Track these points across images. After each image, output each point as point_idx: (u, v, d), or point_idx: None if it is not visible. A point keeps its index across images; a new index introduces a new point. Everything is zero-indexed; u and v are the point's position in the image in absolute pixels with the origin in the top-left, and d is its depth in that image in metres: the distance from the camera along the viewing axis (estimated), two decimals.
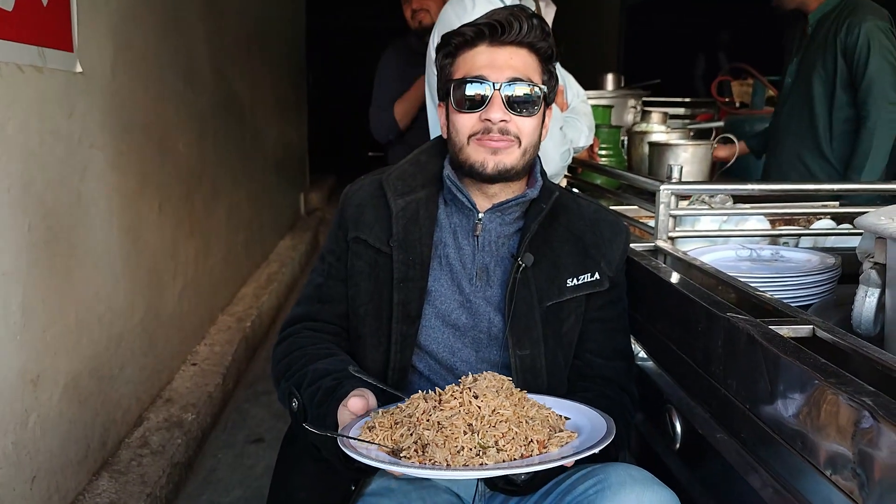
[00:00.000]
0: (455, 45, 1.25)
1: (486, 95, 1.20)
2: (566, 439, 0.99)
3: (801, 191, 1.76)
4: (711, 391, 1.09)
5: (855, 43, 2.42)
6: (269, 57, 5.11)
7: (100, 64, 2.24)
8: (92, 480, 2.17)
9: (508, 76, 1.21)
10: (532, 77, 1.23)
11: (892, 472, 0.70)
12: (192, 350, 3.23)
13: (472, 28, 1.23)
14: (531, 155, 1.25)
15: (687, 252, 1.53)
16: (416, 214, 1.26)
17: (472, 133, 1.22)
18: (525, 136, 1.22)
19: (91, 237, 2.20)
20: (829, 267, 1.47)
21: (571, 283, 1.24)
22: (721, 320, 1.04)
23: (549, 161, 1.77)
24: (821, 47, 2.53)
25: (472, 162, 1.22)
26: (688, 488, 1.19)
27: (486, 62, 1.21)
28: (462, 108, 1.22)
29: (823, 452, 0.81)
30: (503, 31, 1.21)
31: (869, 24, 2.41)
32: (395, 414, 1.03)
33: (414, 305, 1.22)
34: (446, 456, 0.93)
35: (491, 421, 0.98)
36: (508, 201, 1.26)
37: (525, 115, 1.22)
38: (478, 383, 1.04)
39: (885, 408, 0.72)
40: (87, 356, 2.16)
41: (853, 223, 1.32)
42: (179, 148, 3.03)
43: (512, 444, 0.95)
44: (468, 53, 1.23)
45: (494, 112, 1.20)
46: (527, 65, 1.23)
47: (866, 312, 1.19)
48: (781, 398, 0.89)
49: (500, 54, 1.22)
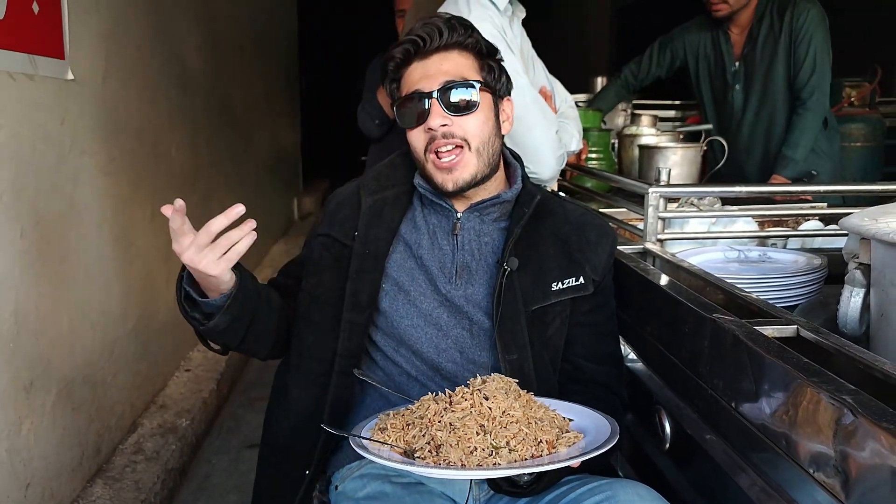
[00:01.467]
0: (392, 69, 1.29)
1: (425, 106, 1.23)
2: (573, 440, 1.01)
3: (789, 192, 1.77)
4: (699, 392, 1.10)
5: (802, 25, 2.51)
6: (262, 61, 5.12)
7: (91, 71, 2.24)
8: (86, 487, 2.17)
9: (441, 81, 1.23)
10: (466, 75, 1.25)
11: (873, 469, 0.72)
12: (186, 356, 3.23)
13: (399, 49, 1.27)
14: (489, 154, 1.26)
15: (675, 254, 1.55)
16: (380, 210, 1.30)
17: (424, 147, 1.25)
18: (472, 137, 1.24)
19: (84, 243, 2.20)
20: (815, 268, 1.49)
21: (556, 287, 1.25)
22: (707, 321, 1.06)
23: (545, 165, 1.78)
24: (768, 46, 2.59)
25: (435, 182, 1.26)
26: (678, 488, 1.21)
27: (420, 75, 1.25)
28: (411, 125, 1.26)
29: (806, 450, 0.82)
30: (426, 43, 1.24)
31: (814, 10, 2.53)
32: (406, 415, 1.05)
33: (364, 296, 1.26)
34: (461, 456, 0.95)
35: (502, 422, 1.00)
36: (485, 201, 1.28)
37: (466, 114, 1.23)
38: (487, 385, 1.06)
39: (865, 406, 0.74)
40: (81, 363, 2.16)
41: (839, 224, 1.33)
42: (172, 153, 3.04)
43: (523, 445, 0.98)
44: (406, 73, 1.27)
45: (433, 119, 1.22)
46: (459, 65, 1.25)
47: (852, 312, 1.20)
48: (766, 397, 0.91)
49: (431, 63, 1.25)
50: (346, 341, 1.26)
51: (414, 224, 1.31)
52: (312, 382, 1.28)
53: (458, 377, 1.25)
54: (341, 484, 1.26)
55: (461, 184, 1.24)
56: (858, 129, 3.14)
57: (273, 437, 1.33)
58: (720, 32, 2.70)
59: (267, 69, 5.32)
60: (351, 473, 1.26)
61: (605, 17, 7.36)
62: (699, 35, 2.76)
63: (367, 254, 1.27)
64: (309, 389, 1.28)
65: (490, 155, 1.26)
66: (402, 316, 1.27)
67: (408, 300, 1.27)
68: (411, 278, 1.28)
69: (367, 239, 1.28)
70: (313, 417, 1.26)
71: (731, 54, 2.69)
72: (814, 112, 2.54)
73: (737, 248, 1.64)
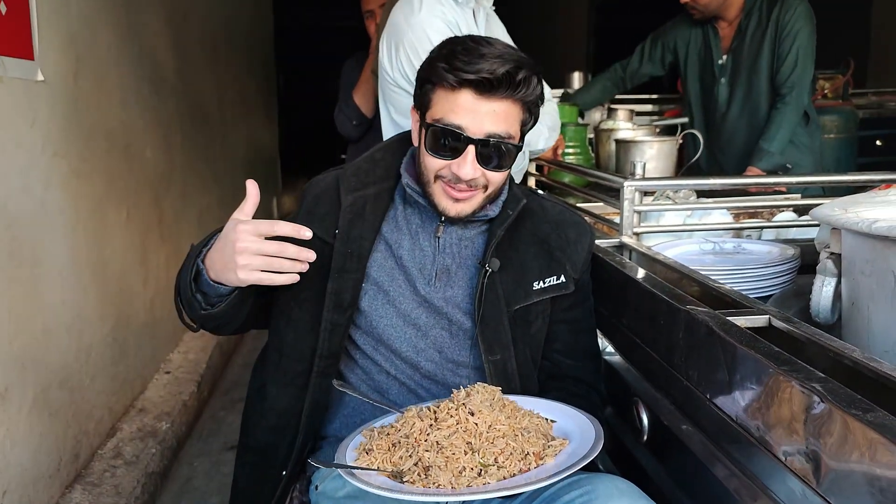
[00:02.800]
0: (448, 77, 1.15)
1: (459, 148, 1.16)
2: (559, 448, 1.01)
3: (762, 184, 1.79)
4: (675, 383, 1.11)
5: (788, 21, 2.54)
6: (237, 59, 5.08)
7: (61, 71, 2.21)
8: (65, 493, 2.15)
9: (487, 132, 1.16)
10: (512, 131, 1.18)
11: (843, 455, 0.73)
12: (166, 358, 3.20)
13: (463, 75, 1.13)
14: (495, 194, 1.25)
15: (651, 247, 1.56)
16: (362, 210, 1.27)
17: (438, 175, 1.20)
18: (493, 185, 1.22)
19: (57, 246, 2.17)
20: (788, 258, 1.51)
21: (538, 287, 1.26)
22: (681, 313, 1.07)
23: None
24: (755, 41, 2.60)
25: (436, 202, 1.22)
26: (656, 480, 1.22)
27: (466, 110, 1.15)
28: (434, 153, 1.19)
29: (779, 438, 0.83)
30: (492, 87, 1.14)
31: (802, 7, 2.55)
32: (392, 434, 1.04)
33: (347, 295, 1.24)
34: (450, 478, 0.95)
35: (489, 437, 1.00)
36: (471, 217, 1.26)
37: (497, 169, 1.19)
38: (471, 398, 1.05)
39: (834, 393, 0.75)
40: (57, 367, 2.13)
41: (810, 214, 1.35)
42: (146, 153, 3.00)
43: (510, 460, 0.98)
44: (454, 94, 1.16)
45: (465, 168, 1.16)
46: (508, 117, 1.17)
47: (824, 301, 1.22)
48: (739, 387, 0.92)
49: (483, 108, 1.15)
50: (325, 342, 1.24)
51: (396, 223, 1.29)
52: (290, 382, 1.26)
53: (438, 376, 1.26)
54: (321, 483, 1.26)
55: (463, 216, 1.22)
56: (832, 122, 3.18)
57: (250, 437, 1.32)
58: (709, 26, 2.71)
59: (242, 67, 5.28)
60: (331, 473, 1.25)
61: (581, 13, 7.39)
62: (690, 29, 2.76)
63: (349, 253, 1.25)
64: (287, 389, 1.27)
65: (494, 195, 1.25)
66: (381, 315, 1.26)
67: (387, 300, 1.26)
68: (391, 278, 1.27)
69: (350, 238, 1.25)
70: (291, 417, 1.25)
71: (718, 48, 2.70)
72: (793, 107, 2.56)
73: (712, 240, 1.66)
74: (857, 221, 1.06)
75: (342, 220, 1.26)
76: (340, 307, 1.24)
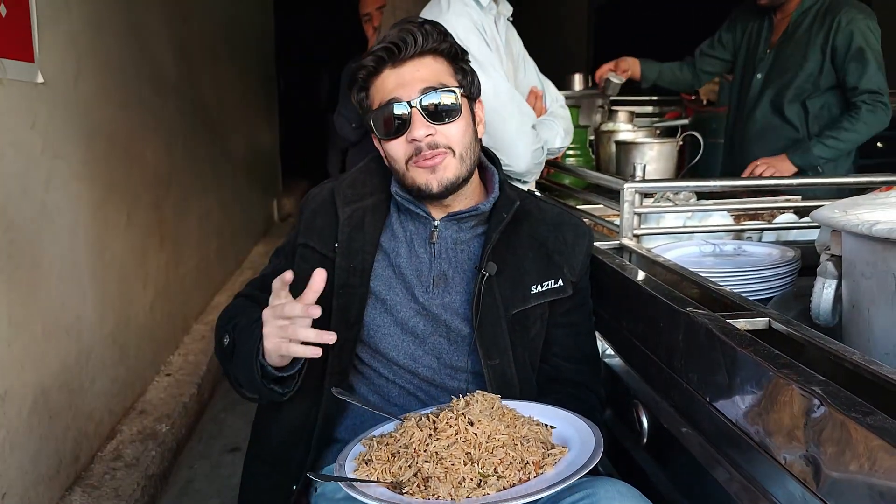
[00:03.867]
0: (362, 77, 1.25)
1: (405, 116, 1.20)
2: (558, 456, 1.01)
3: (762, 186, 1.79)
4: (674, 386, 1.11)
5: (846, 41, 2.39)
6: (238, 61, 5.08)
7: (62, 73, 2.21)
8: (65, 496, 2.15)
9: (420, 89, 1.20)
10: (444, 81, 1.22)
11: (843, 458, 0.72)
12: (166, 360, 3.20)
13: (371, 57, 1.23)
14: (471, 157, 1.25)
15: (651, 249, 1.56)
16: (361, 222, 1.26)
17: (406, 158, 1.22)
18: (456, 143, 1.22)
19: (57, 248, 2.17)
20: (789, 260, 1.50)
21: (536, 290, 1.25)
22: (681, 315, 1.06)
23: (519, 158, 1.78)
24: (803, 43, 2.50)
25: (418, 185, 1.22)
26: (656, 483, 1.22)
27: (395, 83, 1.21)
28: (388, 136, 1.22)
29: (778, 441, 0.83)
30: (400, 50, 1.20)
31: (858, 22, 2.40)
32: (391, 444, 1.04)
33: (353, 311, 1.23)
34: (449, 490, 0.94)
35: (488, 447, 0.99)
36: (462, 212, 1.27)
37: (449, 121, 1.21)
38: (470, 408, 1.05)
39: (833, 396, 0.74)
40: (56, 369, 2.13)
41: (810, 216, 1.35)
42: (147, 156, 3.00)
43: (510, 470, 0.97)
44: (377, 81, 1.23)
45: (417, 130, 1.19)
46: (435, 71, 1.22)
47: (824, 303, 1.22)
48: (739, 390, 0.91)
49: (406, 71, 1.21)
50: (335, 358, 1.23)
51: (392, 232, 1.29)
52: (303, 398, 1.25)
53: (436, 380, 1.25)
54: (321, 486, 1.26)
55: (446, 183, 1.22)
56: None
57: (261, 447, 1.30)
58: (766, 17, 2.62)
59: (243, 70, 5.28)
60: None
61: (582, 15, 7.39)
62: (752, 15, 2.67)
63: (352, 268, 1.24)
64: (301, 404, 1.26)
65: (472, 159, 1.25)
66: (379, 325, 1.26)
67: (384, 309, 1.26)
68: (388, 287, 1.26)
69: (350, 251, 1.25)
70: (304, 431, 1.25)
71: (767, 41, 2.62)
72: (868, 119, 2.37)
73: (712, 242, 1.65)
74: (857, 223, 1.06)
75: (341, 233, 1.26)
76: (347, 323, 1.23)
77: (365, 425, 1.25)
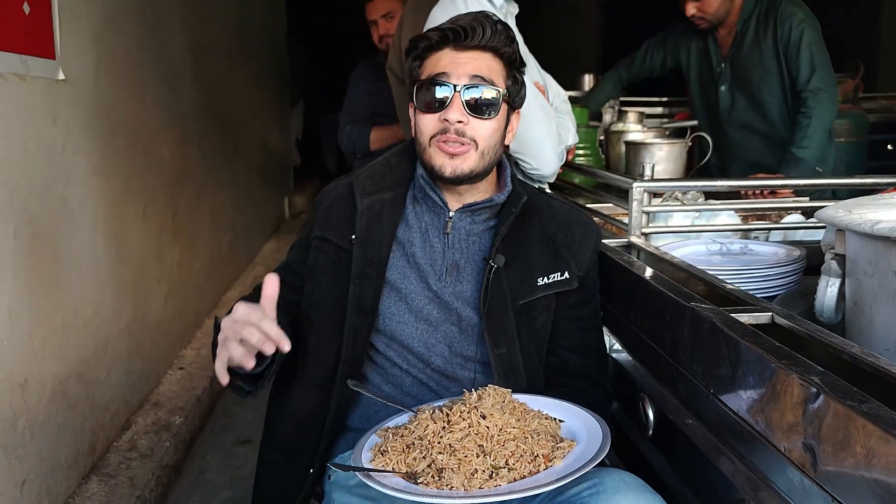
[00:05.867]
0: (422, 48, 1.29)
1: (446, 96, 1.24)
2: (567, 449, 1.05)
3: (769, 187, 1.81)
4: (680, 378, 1.14)
5: (788, 28, 2.52)
6: (251, 61, 5.13)
7: (82, 71, 2.26)
8: (81, 484, 2.19)
9: (469, 78, 1.24)
10: (494, 80, 1.26)
11: (839, 445, 0.75)
12: (179, 354, 3.25)
13: (437, 32, 1.27)
14: (491, 158, 1.29)
15: (659, 247, 1.59)
16: (379, 213, 1.30)
17: (432, 134, 1.25)
18: (482, 140, 1.25)
19: (76, 242, 2.22)
20: (794, 259, 1.53)
21: (542, 282, 1.29)
22: (686, 310, 1.09)
23: (547, 161, 1.79)
24: (754, 48, 2.60)
25: (433, 164, 1.26)
26: (661, 473, 1.25)
27: (449, 63, 1.25)
28: (424, 109, 1.26)
29: (779, 430, 0.86)
30: (466, 36, 1.24)
31: (800, 13, 2.54)
32: (406, 436, 1.08)
33: (368, 301, 1.27)
34: (462, 481, 0.98)
35: (500, 440, 1.03)
36: (477, 203, 1.30)
37: (484, 117, 1.25)
38: (483, 402, 1.09)
39: (831, 385, 0.77)
40: (74, 360, 2.18)
41: (815, 216, 1.37)
42: (163, 152, 3.05)
43: (521, 462, 1.01)
44: (433, 56, 1.27)
45: (452, 112, 1.23)
46: (490, 68, 1.26)
47: (828, 301, 1.24)
48: (741, 381, 0.94)
49: (463, 57, 1.25)
50: (349, 346, 1.27)
51: (407, 223, 1.32)
52: (316, 386, 1.29)
53: (448, 370, 1.29)
54: (334, 474, 1.29)
55: (459, 173, 1.25)
56: (843, 125, 3.19)
57: (276, 436, 1.34)
58: (710, 34, 2.73)
59: (257, 69, 5.33)
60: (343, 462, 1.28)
61: (592, 14, 7.40)
62: (692, 35, 2.78)
63: (368, 259, 1.28)
64: (313, 392, 1.30)
65: (491, 159, 1.29)
66: (394, 313, 1.29)
67: (399, 297, 1.29)
68: (403, 276, 1.30)
69: (368, 242, 1.28)
70: (317, 420, 1.29)
71: (718, 55, 2.71)
72: (819, 112, 2.51)
73: (719, 240, 1.68)
74: (860, 223, 1.09)
75: (359, 223, 1.29)
76: (362, 312, 1.27)
77: (377, 415, 1.28)
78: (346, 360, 1.27)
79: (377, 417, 1.26)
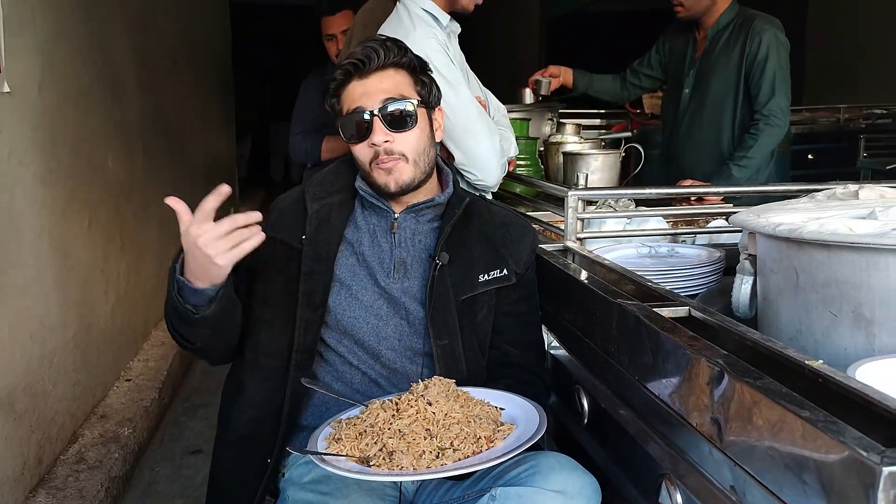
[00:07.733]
0: (333, 88, 1.40)
1: (367, 123, 1.35)
2: (507, 432, 1.15)
3: (693, 195, 1.95)
4: (610, 369, 1.25)
5: (758, 46, 2.53)
6: (196, 71, 5.11)
7: (27, 82, 2.26)
8: (29, 497, 2.18)
9: (381, 99, 1.35)
10: (404, 92, 1.38)
11: (739, 416, 0.87)
12: (126, 365, 3.23)
13: (341, 70, 1.39)
14: (425, 163, 1.40)
15: (593, 251, 1.70)
16: (328, 216, 1.40)
17: (369, 160, 1.37)
18: (410, 151, 1.37)
19: (21, 253, 2.21)
20: (715, 260, 1.67)
21: (483, 279, 1.40)
22: (614, 306, 1.20)
23: (490, 172, 1.89)
24: (721, 58, 2.64)
25: (378, 185, 1.38)
26: (596, 459, 1.35)
27: (360, 93, 1.37)
28: (353, 140, 1.38)
29: (693, 409, 0.97)
30: (365, 64, 1.36)
31: (771, 31, 2.55)
32: (358, 424, 1.16)
33: (318, 296, 1.36)
34: (412, 461, 1.08)
35: (445, 424, 1.13)
36: (419, 204, 1.42)
37: (405, 130, 1.36)
38: (429, 390, 1.18)
39: (732, 366, 0.89)
40: (21, 372, 2.17)
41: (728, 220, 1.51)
42: (108, 163, 3.04)
43: (465, 444, 1.11)
44: (346, 91, 1.39)
45: (376, 136, 1.35)
46: (396, 83, 1.38)
47: (742, 297, 1.37)
48: (662, 368, 1.05)
49: (370, 83, 1.37)
50: (301, 337, 1.35)
51: (356, 225, 1.42)
52: (269, 377, 1.36)
53: (396, 363, 1.38)
54: (287, 471, 1.35)
55: (401, 185, 1.37)
56: None
57: (230, 431, 1.39)
58: (691, 35, 2.76)
59: (201, 80, 5.31)
60: (297, 461, 1.34)
61: (534, 29, 7.59)
62: (679, 33, 2.81)
63: (317, 257, 1.38)
64: (266, 384, 1.37)
65: (426, 163, 1.40)
66: (345, 309, 1.38)
67: (350, 294, 1.38)
68: (353, 274, 1.39)
69: (317, 242, 1.38)
70: (271, 409, 1.35)
71: (691, 58, 2.75)
72: (767, 135, 2.52)
73: (648, 244, 1.81)
74: (765, 225, 1.22)
75: (309, 225, 1.39)
76: (312, 306, 1.36)
77: (330, 412, 1.35)
78: (299, 349, 1.35)
79: (329, 414, 1.33)
